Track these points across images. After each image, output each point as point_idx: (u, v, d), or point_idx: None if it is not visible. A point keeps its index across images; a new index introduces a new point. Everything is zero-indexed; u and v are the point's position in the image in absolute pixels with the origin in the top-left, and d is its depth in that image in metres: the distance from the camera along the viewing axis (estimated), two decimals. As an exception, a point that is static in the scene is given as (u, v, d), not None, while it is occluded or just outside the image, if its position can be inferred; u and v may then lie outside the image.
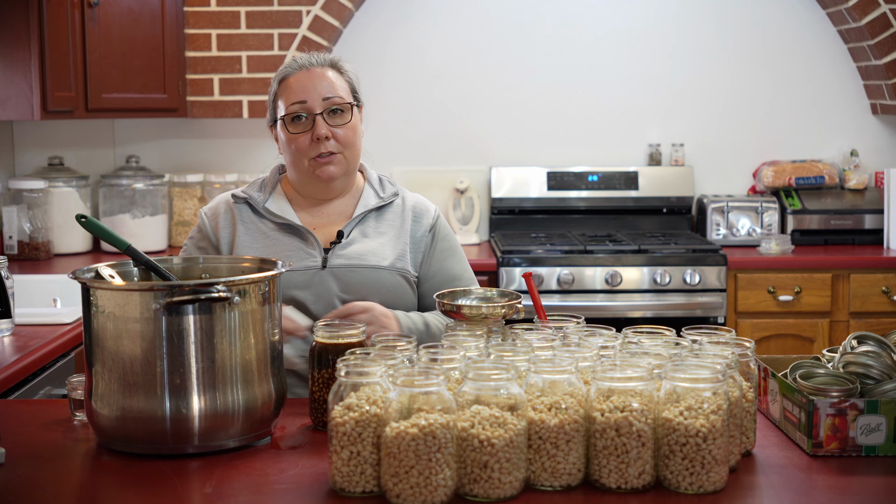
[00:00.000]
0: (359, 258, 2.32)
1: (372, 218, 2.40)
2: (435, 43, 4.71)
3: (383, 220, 2.40)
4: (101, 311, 1.78)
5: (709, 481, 1.59)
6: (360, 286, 2.30)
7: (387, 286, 2.31)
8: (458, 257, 2.45)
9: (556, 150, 4.76)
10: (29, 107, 3.59)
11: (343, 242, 2.34)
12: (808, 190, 4.59)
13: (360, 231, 2.37)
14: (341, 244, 2.34)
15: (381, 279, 2.31)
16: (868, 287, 4.15)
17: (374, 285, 2.30)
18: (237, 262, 2.07)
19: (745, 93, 4.75)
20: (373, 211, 2.40)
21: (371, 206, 2.39)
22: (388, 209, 2.42)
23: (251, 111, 4.36)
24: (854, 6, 4.40)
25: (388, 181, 2.48)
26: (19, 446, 1.82)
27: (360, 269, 2.31)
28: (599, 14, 4.73)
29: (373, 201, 2.41)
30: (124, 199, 4.37)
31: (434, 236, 2.42)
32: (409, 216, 2.42)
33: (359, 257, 2.33)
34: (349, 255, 2.33)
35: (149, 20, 4.14)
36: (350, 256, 2.33)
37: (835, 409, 1.75)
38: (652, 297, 4.12)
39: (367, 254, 2.33)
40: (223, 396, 1.78)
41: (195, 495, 1.63)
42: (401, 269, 2.35)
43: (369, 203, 2.40)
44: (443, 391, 1.56)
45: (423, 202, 2.47)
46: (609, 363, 1.66)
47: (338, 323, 1.93)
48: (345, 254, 2.33)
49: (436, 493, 1.54)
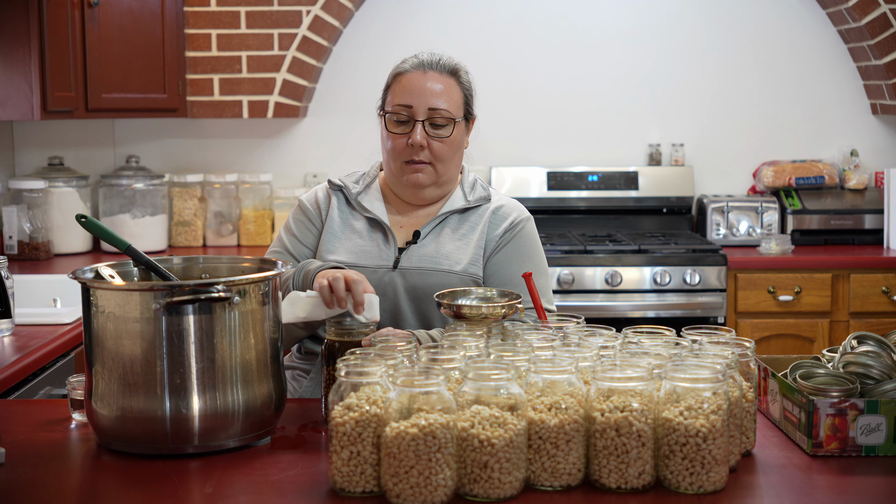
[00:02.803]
0: (431, 261, 2.30)
1: (454, 220, 2.37)
2: (435, 43, 4.70)
3: (466, 223, 2.37)
4: (101, 311, 1.78)
5: (709, 481, 1.59)
6: (426, 289, 2.27)
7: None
8: (528, 266, 2.33)
9: (556, 150, 4.76)
10: (29, 107, 3.59)
11: (419, 244, 2.33)
12: (808, 190, 4.59)
13: (438, 233, 2.35)
14: (417, 245, 2.33)
15: (448, 284, 2.27)
16: (868, 287, 4.15)
17: (440, 289, 2.23)
18: (237, 262, 2.07)
19: (745, 93, 4.75)
20: (456, 213, 2.37)
21: (455, 209, 2.36)
22: (472, 213, 2.38)
23: (251, 111, 4.36)
24: (854, 6, 4.40)
25: (482, 185, 2.43)
26: (19, 446, 1.82)
27: (429, 272, 2.29)
28: (600, 14, 4.73)
29: (458, 204, 2.38)
30: (124, 199, 4.37)
31: (510, 238, 2.36)
32: (488, 219, 2.37)
33: (431, 260, 2.30)
34: (422, 257, 2.31)
35: (149, 20, 4.14)
36: (422, 258, 2.31)
37: (835, 409, 1.75)
38: (652, 297, 4.12)
39: (440, 257, 2.31)
40: (223, 396, 1.78)
41: (195, 495, 1.63)
42: (473, 275, 2.31)
43: (455, 205, 2.38)
44: (443, 391, 1.56)
45: (511, 205, 2.42)
46: (609, 363, 1.66)
47: (349, 321, 1.93)
48: (418, 255, 2.31)
49: (436, 493, 1.54)
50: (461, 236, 2.34)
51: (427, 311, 2.29)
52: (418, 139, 2.28)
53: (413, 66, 2.32)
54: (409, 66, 2.33)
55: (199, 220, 4.53)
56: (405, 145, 2.29)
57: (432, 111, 2.29)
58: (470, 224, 2.36)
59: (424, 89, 2.30)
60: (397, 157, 2.31)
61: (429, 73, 2.31)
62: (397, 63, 2.37)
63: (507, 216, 2.38)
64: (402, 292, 2.28)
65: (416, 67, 2.32)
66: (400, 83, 2.32)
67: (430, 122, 2.29)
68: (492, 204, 2.39)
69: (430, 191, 2.35)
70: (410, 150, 2.29)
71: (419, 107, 2.29)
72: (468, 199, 2.38)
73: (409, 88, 2.30)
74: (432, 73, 2.31)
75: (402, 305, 2.27)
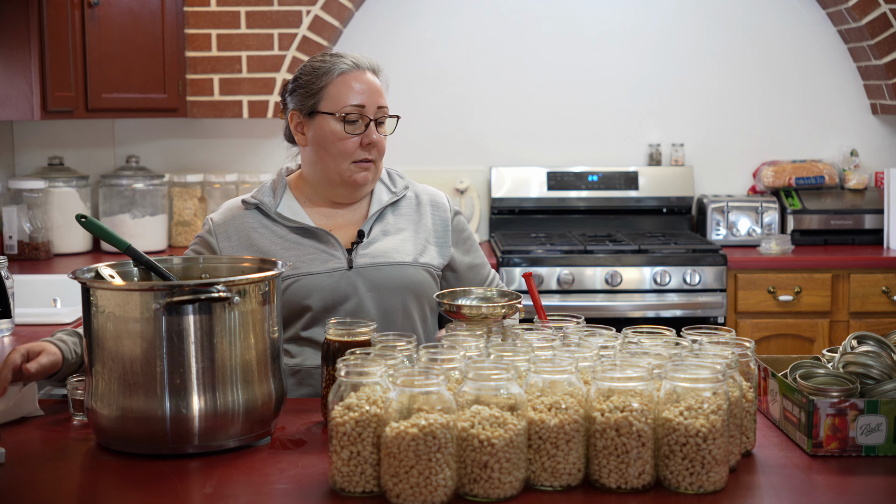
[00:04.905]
0: (384, 256, 2.32)
1: (389, 214, 2.39)
2: (435, 43, 4.71)
3: (400, 215, 2.40)
4: (101, 311, 1.78)
5: (709, 481, 1.59)
6: (387, 284, 2.29)
7: (413, 282, 2.31)
8: (476, 246, 2.51)
9: (556, 150, 4.76)
10: (29, 107, 3.59)
11: (365, 241, 2.34)
12: (808, 190, 4.59)
13: (380, 229, 2.37)
14: (363, 243, 2.33)
15: (407, 275, 2.31)
16: (868, 287, 4.15)
17: (400, 282, 2.31)
18: (237, 262, 2.07)
19: (745, 93, 4.75)
20: (388, 207, 2.40)
21: (385, 202, 2.39)
22: (402, 203, 2.42)
23: (251, 111, 4.36)
24: (854, 6, 4.40)
25: (397, 174, 2.48)
26: (19, 446, 1.82)
27: (386, 266, 2.31)
28: (599, 14, 4.73)
29: (385, 197, 2.41)
30: (124, 199, 4.37)
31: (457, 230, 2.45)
32: (426, 210, 2.42)
33: (383, 255, 2.32)
34: (373, 254, 2.32)
35: (149, 20, 4.14)
36: (375, 255, 2.32)
37: (835, 409, 1.75)
38: (652, 297, 4.12)
39: (390, 251, 2.33)
40: (223, 396, 1.78)
41: (195, 495, 1.63)
42: (424, 265, 2.35)
43: (382, 199, 2.40)
44: (443, 391, 1.56)
45: (436, 193, 2.48)
46: (609, 363, 1.66)
47: (350, 321, 1.93)
48: (368, 252, 2.32)
49: (436, 493, 1.54)
50: (400, 229, 2.38)
51: (387, 304, 2.30)
52: (375, 138, 2.30)
53: (351, 66, 2.32)
54: (346, 65, 2.31)
55: (198, 220, 4.53)
56: (357, 145, 2.30)
57: (381, 109, 2.32)
58: (405, 217, 2.40)
59: (372, 88, 2.32)
60: (347, 157, 2.31)
61: (366, 71, 2.33)
62: (314, 65, 2.33)
63: (441, 206, 2.45)
64: (364, 290, 2.29)
65: (354, 67, 2.32)
66: (346, 83, 2.30)
67: (377, 120, 2.32)
68: (419, 195, 2.45)
69: (368, 187, 2.38)
70: (363, 149, 2.30)
71: (371, 106, 2.31)
72: (393, 191, 2.42)
73: (359, 89, 2.30)
74: (368, 71, 2.34)
75: (366, 303, 2.28)
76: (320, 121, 2.31)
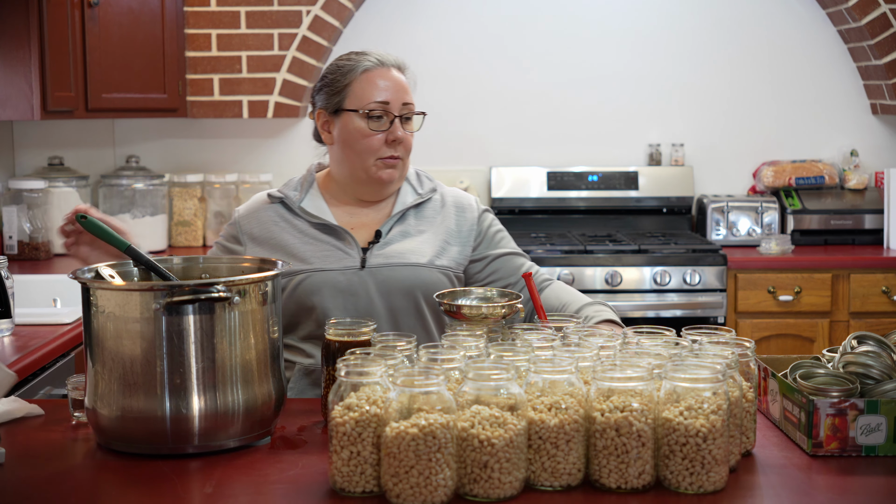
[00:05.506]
0: (398, 257, 2.31)
1: (411, 216, 2.38)
2: (435, 43, 4.71)
3: (423, 217, 2.38)
4: (101, 311, 1.78)
5: (709, 481, 1.59)
6: (397, 284, 2.28)
7: (425, 283, 2.29)
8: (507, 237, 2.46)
9: (556, 150, 4.76)
10: (29, 107, 3.59)
11: (382, 242, 2.33)
12: (808, 190, 4.59)
13: (400, 230, 2.35)
14: (380, 244, 2.32)
15: (419, 276, 2.29)
16: (868, 287, 4.15)
17: (412, 283, 2.28)
18: (237, 262, 2.07)
19: (745, 93, 4.75)
20: (412, 208, 2.38)
21: (409, 204, 2.37)
22: (426, 206, 2.40)
23: (251, 111, 4.36)
24: (854, 6, 4.40)
25: (426, 176, 2.46)
26: (19, 446, 1.82)
27: (398, 267, 2.29)
28: (599, 14, 4.73)
29: (410, 198, 2.39)
30: (124, 199, 4.37)
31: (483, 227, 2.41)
32: (450, 212, 2.40)
33: (398, 256, 2.31)
34: (388, 255, 2.31)
35: (149, 20, 4.15)
36: (389, 255, 2.31)
37: (835, 409, 1.75)
38: (652, 297, 4.12)
39: (406, 252, 2.32)
40: (223, 396, 1.78)
41: (195, 495, 1.63)
42: (440, 267, 2.32)
43: (407, 201, 2.39)
44: (443, 391, 1.56)
45: (463, 196, 2.45)
46: (609, 363, 1.66)
47: (350, 321, 1.93)
48: (383, 253, 2.31)
49: (436, 493, 1.54)
50: (421, 231, 2.36)
51: (397, 304, 2.29)
52: (399, 134, 2.30)
53: (375, 63, 2.32)
54: (371, 63, 2.32)
55: (199, 220, 4.53)
56: (382, 142, 2.30)
57: (406, 106, 2.32)
58: (428, 218, 2.38)
59: (397, 84, 2.32)
60: (373, 154, 2.30)
61: (391, 68, 2.34)
62: (339, 63, 2.34)
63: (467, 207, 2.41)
64: (374, 290, 2.28)
65: (378, 64, 2.33)
66: (370, 80, 2.30)
67: (402, 116, 2.31)
68: (445, 197, 2.42)
69: (395, 185, 2.37)
70: (388, 146, 2.30)
71: (395, 102, 2.30)
72: (419, 193, 2.40)
73: (383, 86, 2.30)
74: (393, 68, 2.34)
75: (377, 303, 2.27)
76: (345, 118, 2.32)
